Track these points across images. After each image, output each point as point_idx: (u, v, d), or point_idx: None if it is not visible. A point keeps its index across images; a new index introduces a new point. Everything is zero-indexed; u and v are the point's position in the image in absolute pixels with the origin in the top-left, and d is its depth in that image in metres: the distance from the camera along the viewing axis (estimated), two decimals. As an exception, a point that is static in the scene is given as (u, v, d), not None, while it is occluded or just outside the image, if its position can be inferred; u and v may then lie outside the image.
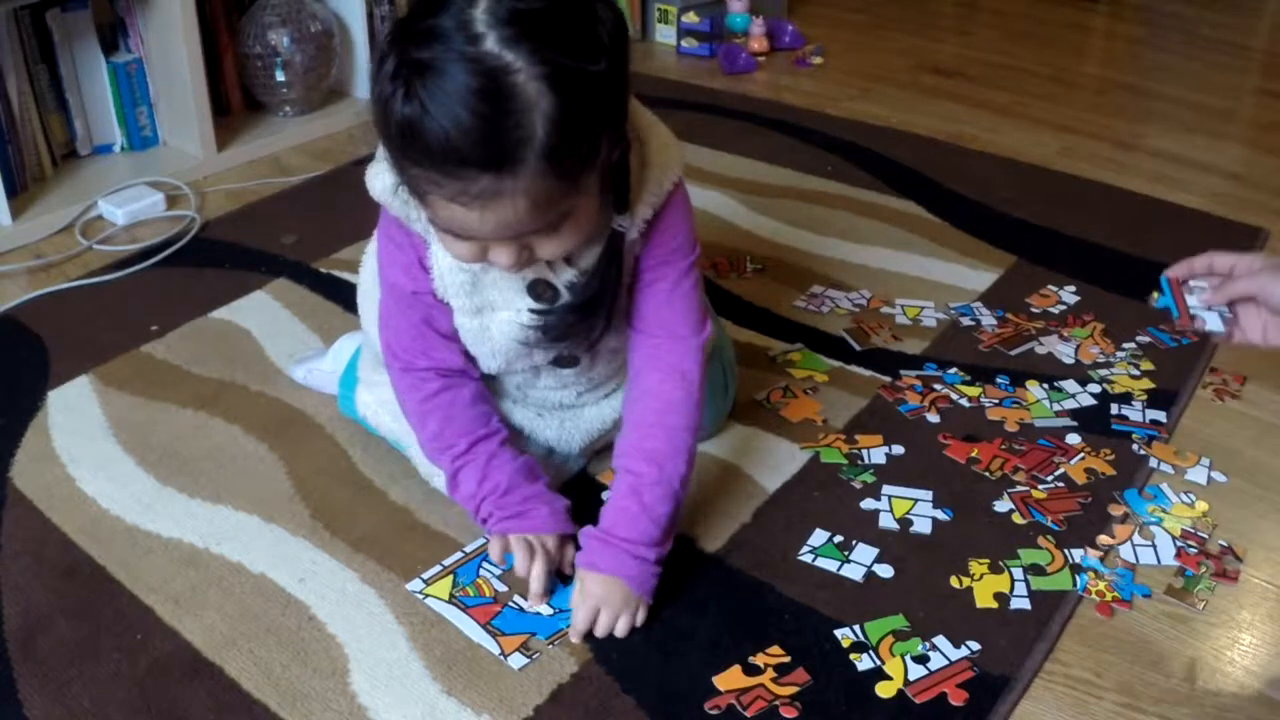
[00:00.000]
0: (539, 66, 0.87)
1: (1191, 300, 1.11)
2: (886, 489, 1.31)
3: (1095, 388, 1.49)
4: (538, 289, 1.11)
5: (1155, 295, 1.14)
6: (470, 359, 1.21)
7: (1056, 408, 1.45)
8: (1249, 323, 1.10)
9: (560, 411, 1.29)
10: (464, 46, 0.87)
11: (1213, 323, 1.11)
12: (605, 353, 1.23)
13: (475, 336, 1.17)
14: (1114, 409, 1.45)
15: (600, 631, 1.11)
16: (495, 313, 1.15)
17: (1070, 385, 1.49)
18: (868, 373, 1.53)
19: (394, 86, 0.89)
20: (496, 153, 0.88)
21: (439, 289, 1.14)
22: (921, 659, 1.09)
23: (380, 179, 1.08)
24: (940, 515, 1.27)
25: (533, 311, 1.12)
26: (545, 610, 1.14)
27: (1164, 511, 1.29)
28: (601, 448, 1.34)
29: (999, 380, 1.50)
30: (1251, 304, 1.10)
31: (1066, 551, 1.22)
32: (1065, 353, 1.56)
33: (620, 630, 1.11)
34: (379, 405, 1.32)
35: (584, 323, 1.12)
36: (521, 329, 1.14)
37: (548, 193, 0.93)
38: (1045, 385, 1.49)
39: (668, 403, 1.17)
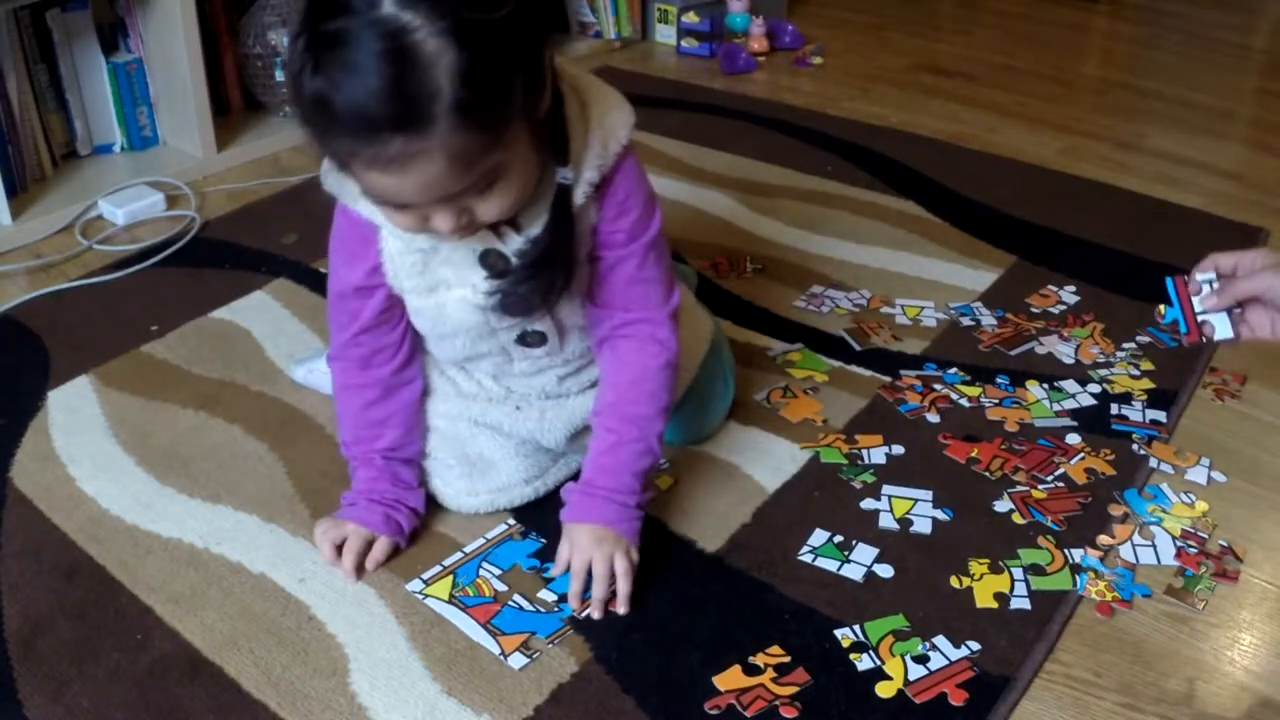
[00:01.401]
0: (438, 22, 0.88)
1: (1198, 305, 1.10)
2: (886, 489, 1.31)
3: (1095, 388, 1.49)
4: (489, 259, 1.11)
5: (1162, 309, 1.13)
6: (415, 351, 1.24)
7: (1056, 408, 1.45)
8: (1257, 320, 1.09)
9: (542, 401, 1.27)
10: (365, 13, 0.88)
11: (1221, 329, 1.09)
12: (574, 331, 1.21)
13: (433, 318, 1.17)
14: (1114, 409, 1.45)
15: (598, 580, 1.11)
16: (450, 290, 1.14)
17: (1070, 385, 1.49)
18: (868, 373, 1.53)
19: (303, 61, 0.91)
20: (405, 113, 0.89)
21: (390, 272, 1.15)
22: (921, 659, 1.09)
23: (331, 172, 1.10)
24: (940, 515, 1.27)
25: (488, 279, 1.11)
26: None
27: (1164, 511, 1.29)
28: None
29: (999, 380, 1.50)
30: (1257, 302, 1.10)
31: (1066, 551, 1.22)
32: (1065, 353, 1.56)
33: (620, 570, 1.12)
34: None
35: (539, 290, 1.10)
36: (478, 306, 1.13)
37: (466, 148, 0.92)
38: (1045, 385, 1.49)
39: (645, 370, 1.18)
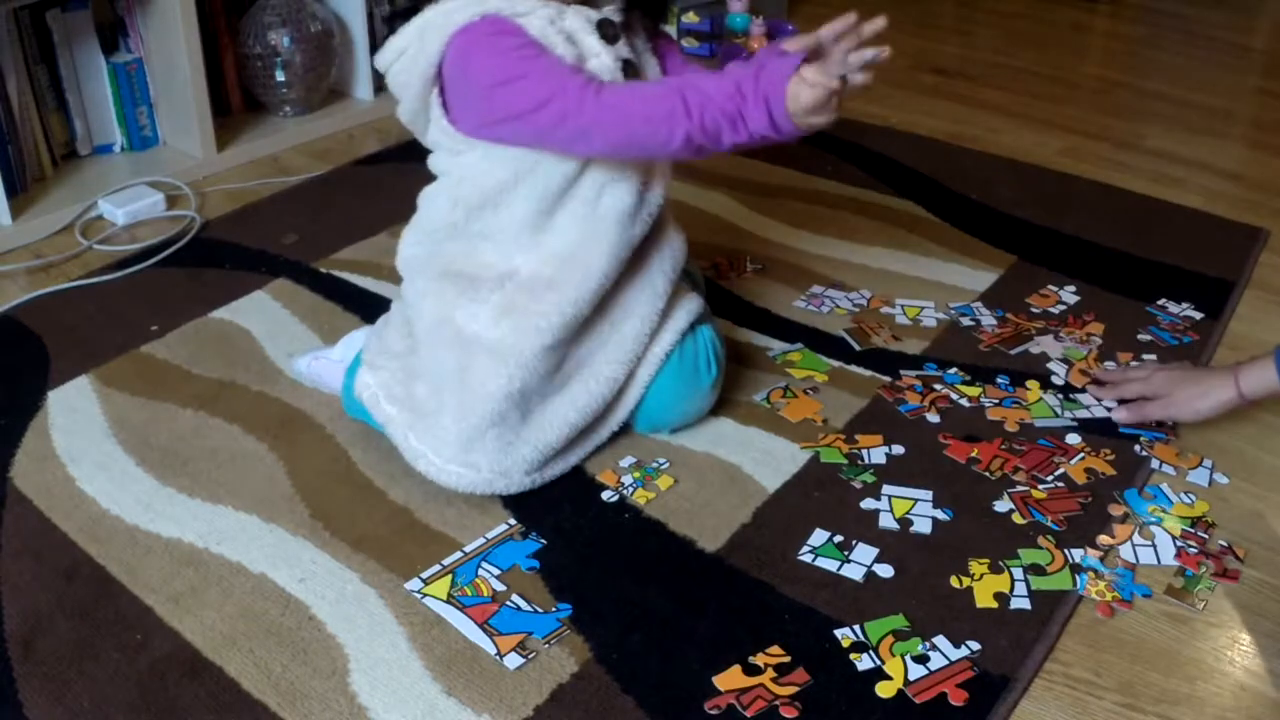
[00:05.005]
0: None
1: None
2: (886, 489, 1.31)
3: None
4: (604, 28, 1.25)
5: None
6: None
7: (1069, 416, 1.44)
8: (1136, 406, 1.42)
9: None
10: None
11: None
12: (658, 182, 1.31)
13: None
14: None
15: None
16: (595, 58, 1.24)
17: (1085, 397, 1.47)
18: (868, 373, 1.53)
19: None
20: None
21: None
22: (921, 659, 1.09)
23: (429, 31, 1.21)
24: (940, 515, 1.28)
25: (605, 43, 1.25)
26: None
27: (1164, 511, 1.29)
28: (598, 446, 1.35)
29: (999, 380, 1.50)
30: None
31: (1066, 551, 1.22)
32: (1058, 372, 1.55)
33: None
34: (379, 388, 1.32)
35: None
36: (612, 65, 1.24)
37: None
38: (1059, 395, 1.47)
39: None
